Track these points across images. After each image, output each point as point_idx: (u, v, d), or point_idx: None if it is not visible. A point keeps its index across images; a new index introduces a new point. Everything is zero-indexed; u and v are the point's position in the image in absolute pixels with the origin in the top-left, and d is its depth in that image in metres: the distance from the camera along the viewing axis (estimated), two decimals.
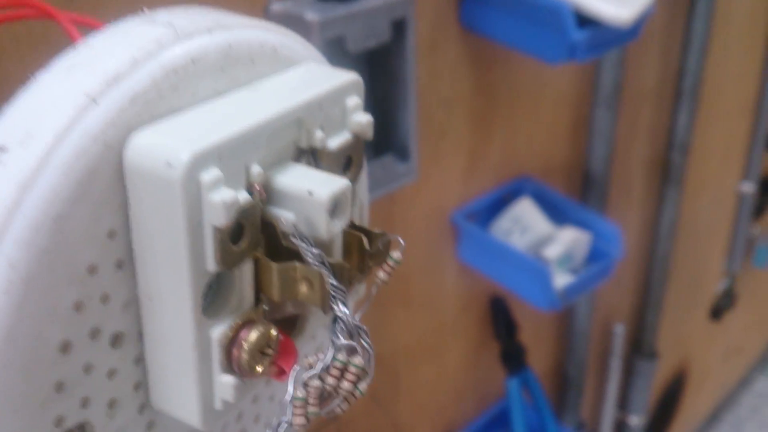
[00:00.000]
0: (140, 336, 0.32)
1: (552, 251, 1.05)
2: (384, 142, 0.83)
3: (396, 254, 0.34)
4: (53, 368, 0.29)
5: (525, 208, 1.07)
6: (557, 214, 1.08)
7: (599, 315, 1.36)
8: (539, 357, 1.26)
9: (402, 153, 0.87)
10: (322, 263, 0.31)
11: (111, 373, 0.32)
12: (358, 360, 0.31)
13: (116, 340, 0.31)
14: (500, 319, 1.14)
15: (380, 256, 0.34)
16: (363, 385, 0.31)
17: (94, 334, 0.30)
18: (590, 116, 1.17)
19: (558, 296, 1.00)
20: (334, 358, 0.31)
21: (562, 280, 1.03)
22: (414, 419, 1.08)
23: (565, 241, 1.06)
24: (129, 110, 0.29)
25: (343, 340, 0.31)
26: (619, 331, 1.44)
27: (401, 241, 0.34)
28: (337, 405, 0.31)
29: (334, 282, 0.31)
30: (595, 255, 1.08)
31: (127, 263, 0.31)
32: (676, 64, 1.29)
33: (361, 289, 0.38)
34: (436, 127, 0.93)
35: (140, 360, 0.33)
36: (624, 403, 1.53)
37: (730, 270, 1.74)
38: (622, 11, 0.88)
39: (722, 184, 1.61)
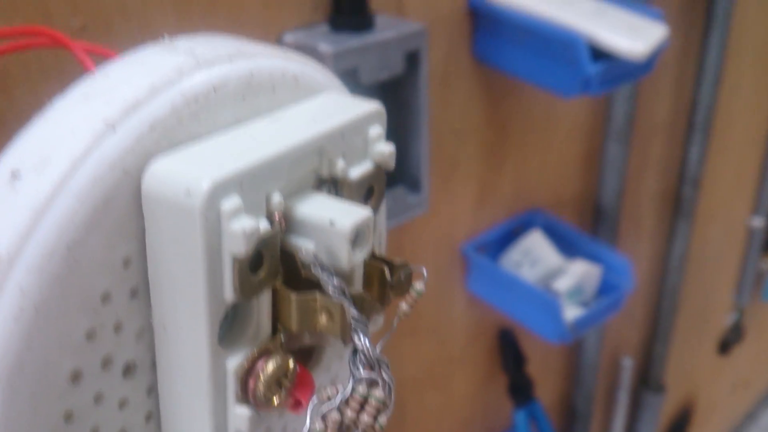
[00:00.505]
0: (153, 366, 0.32)
1: (562, 284, 1.04)
2: (395, 173, 0.83)
3: (419, 285, 0.33)
4: (63, 398, 0.28)
5: (535, 240, 1.07)
6: (568, 246, 1.07)
7: (607, 348, 1.35)
8: (547, 389, 1.25)
9: (413, 184, 0.86)
10: (343, 294, 0.31)
11: (122, 404, 0.31)
12: (378, 393, 0.30)
13: (128, 370, 0.31)
14: (508, 351, 1.13)
15: (402, 287, 0.34)
16: (383, 418, 0.31)
17: (106, 363, 0.30)
18: (602, 149, 1.17)
19: (568, 329, 0.99)
20: (353, 391, 0.30)
21: (572, 312, 1.02)
22: None
23: (576, 274, 1.05)
24: (148, 137, 0.28)
25: (363, 373, 0.30)
26: (627, 364, 1.43)
27: (424, 272, 0.33)
28: None
29: (355, 313, 0.30)
30: (605, 288, 1.07)
31: (141, 292, 0.30)
32: (688, 97, 1.29)
33: (380, 320, 0.37)
34: (448, 158, 0.92)
35: (152, 390, 0.32)
36: None
37: (738, 304, 1.73)
38: (637, 45, 0.88)
39: (732, 218, 1.61)
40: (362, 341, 0.31)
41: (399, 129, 0.81)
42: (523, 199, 1.07)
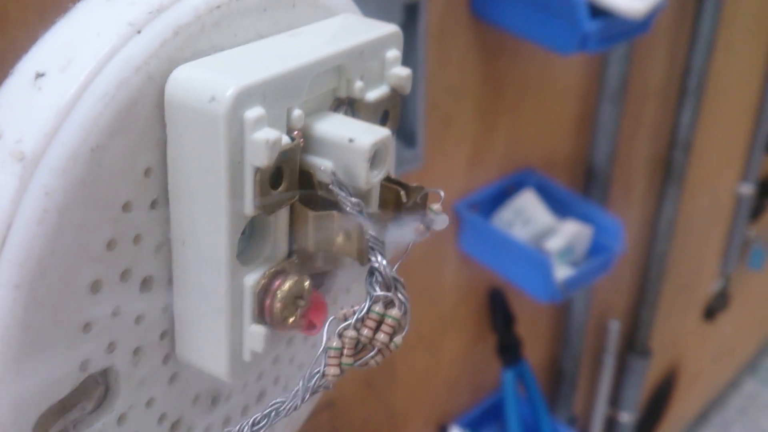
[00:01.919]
0: (169, 283, 0.31)
1: (553, 244, 1.04)
2: None
3: (436, 206, 0.33)
4: (82, 308, 0.28)
5: (528, 200, 1.07)
6: (559, 207, 1.07)
7: (595, 311, 1.36)
8: (535, 350, 1.26)
9: (408, 139, 0.86)
10: (361, 213, 0.30)
11: (139, 319, 0.30)
12: (395, 312, 0.30)
13: (146, 285, 0.30)
14: (498, 310, 1.13)
15: (417, 210, 0.33)
16: (398, 338, 0.31)
17: (125, 275, 0.29)
18: (595, 111, 1.17)
19: (558, 288, 1.00)
20: (370, 310, 0.30)
21: (562, 272, 1.03)
22: (408, 407, 1.07)
23: (567, 234, 1.06)
24: (171, 42, 0.28)
25: (380, 292, 0.30)
26: (614, 328, 1.44)
27: (441, 193, 0.33)
28: (371, 357, 0.30)
29: (373, 232, 0.30)
30: (596, 249, 1.07)
31: (161, 204, 0.30)
32: (681, 62, 1.29)
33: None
34: (443, 115, 0.92)
35: (168, 307, 0.32)
36: (615, 400, 1.53)
37: (724, 271, 1.74)
38: (636, 3, 0.87)
39: (721, 185, 1.61)
40: (379, 261, 0.30)
41: None
42: (516, 158, 1.07)
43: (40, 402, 0.28)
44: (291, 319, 0.32)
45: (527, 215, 1.07)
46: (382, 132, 0.31)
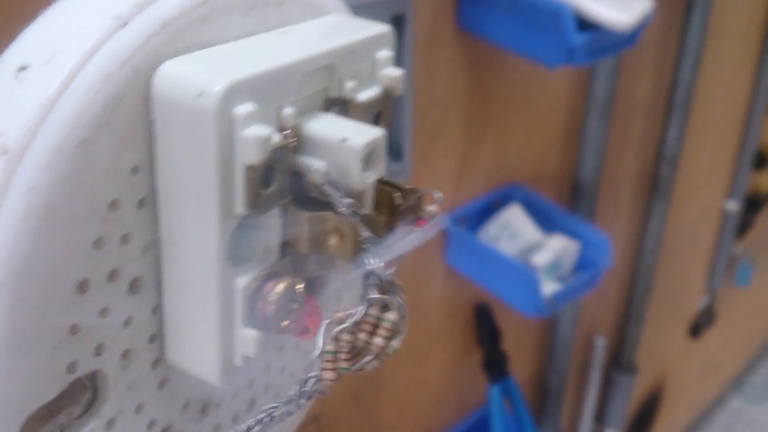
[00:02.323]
0: (158, 285, 0.30)
1: (540, 258, 1.04)
2: None
3: (432, 208, 0.32)
4: (69, 309, 0.27)
5: (514, 214, 1.06)
6: (546, 221, 1.07)
7: (581, 327, 1.36)
8: (521, 365, 1.25)
9: (395, 152, 0.85)
10: (355, 213, 0.30)
11: (127, 321, 0.30)
12: (391, 315, 0.30)
13: (134, 286, 0.29)
14: (484, 325, 1.13)
15: (411, 212, 0.33)
16: (395, 342, 0.30)
17: (113, 276, 0.28)
18: (582, 125, 1.17)
19: (546, 303, 0.99)
20: (366, 313, 0.29)
21: (549, 287, 1.02)
22: (394, 422, 1.06)
23: (554, 249, 1.05)
24: (158, 36, 0.27)
25: (376, 295, 0.29)
26: (600, 344, 1.44)
27: (437, 194, 0.32)
28: (368, 362, 0.30)
29: (367, 234, 0.29)
30: (583, 264, 1.07)
31: (149, 203, 0.29)
32: (668, 76, 1.29)
33: None
34: (430, 128, 0.91)
35: (157, 310, 0.31)
36: (601, 416, 1.53)
37: (710, 287, 1.74)
38: (623, 16, 0.87)
39: (708, 201, 1.61)
40: (375, 262, 0.30)
41: None
42: (503, 172, 1.07)
43: (26, 405, 0.27)
44: (284, 323, 0.31)
45: (514, 230, 1.07)
46: (375, 132, 0.31)
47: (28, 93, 0.25)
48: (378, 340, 0.29)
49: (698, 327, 1.75)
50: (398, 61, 0.78)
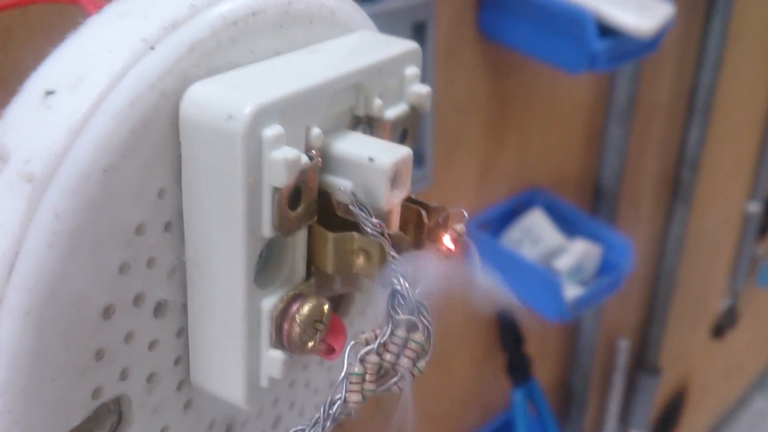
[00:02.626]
0: (184, 307, 0.30)
1: (563, 263, 1.04)
2: None
3: (459, 226, 0.32)
4: (94, 334, 0.27)
5: (536, 219, 1.06)
6: (568, 225, 1.07)
7: (604, 329, 1.35)
8: (544, 369, 1.25)
9: (417, 157, 0.85)
10: (382, 234, 0.29)
11: (152, 345, 0.29)
12: (418, 336, 0.29)
13: (159, 309, 0.29)
14: (507, 330, 1.12)
15: (438, 231, 0.32)
16: (422, 363, 0.29)
17: (138, 300, 0.28)
18: (603, 129, 1.16)
19: (568, 307, 0.99)
20: (392, 334, 0.29)
21: (572, 291, 1.02)
22: (417, 427, 1.05)
23: (576, 253, 1.05)
24: (186, 59, 0.27)
25: (402, 315, 0.29)
26: (623, 347, 1.43)
27: (465, 213, 0.32)
28: (394, 383, 0.29)
29: (395, 254, 0.29)
30: (605, 267, 1.06)
31: (175, 226, 0.28)
32: (689, 79, 1.28)
33: None
34: (451, 134, 0.91)
35: (182, 333, 0.31)
36: (625, 418, 1.52)
37: (733, 289, 1.73)
38: (644, 22, 0.87)
39: (729, 203, 1.61)
40: (402, 283, 0.29)
41: None
42: (525, 177, 1.06)
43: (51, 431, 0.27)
44: (310, 344, 0.30)
45: (536, 234, 1.06)
46: (402, 151, 0.30)
47: (54, 119, 0.25)
48: (405, 362, 0.29)
49: (721, 328, 1.74)
50: (421, 67, 0.78)
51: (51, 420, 0.27)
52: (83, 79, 0.25)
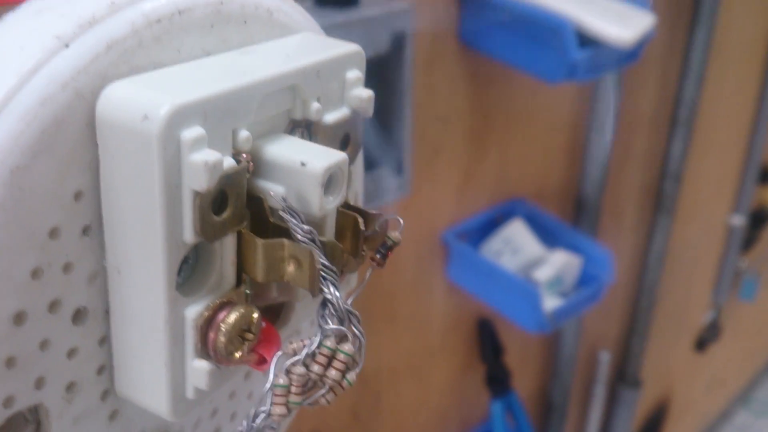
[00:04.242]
0: (107, 314, 0.29)
1: (542, 274, 1.03)
2: (378, 155, 0.81)
3: (395, 234, 0.31)
4: (5, 341, 0.26)
5: (517, 229, 1.06)
6: (549, 236, 1.06)
7: (585, 341, 1.34)
8: (524, 381, 1.24)
9: (396, 167, 0.84)
10: (313, 241, 0.28)
11: (71, 353, 0.28)
12: (347, 347, 0.28)
13: (79, 316, 0.28)
14: (487, 341, 1.12)
15: (376, 239, 0.31)
16: (352, 375, 0.28)
17: (54, 306, 0.27)
18: (585, 140, 1.15)
19: (547, 319, 0.98)
20: (321, 344, 0.28)
21: (551, 303, 1.01)
22: None
23: (556, 264, 1.04)
24: (104, 58, 0.26)
25: (332, 325, 0.28)
26: (604, 359, 1.43)
27: (401, 220, 0.31)
28: (322, 395, 0.28)
29: (325, 262, 0.28)
30: (585, 279, 1.06)
31: (94, 230, 0.27)
32: (672, 92, 1.28)
33: (352, 280, 0.35)
34: (431, 144, 0.91)
35: (105, 341, 0.29)
36: (606, 431, 1.51)
37: (716, 302, 1.73)
38: (624, 32, 0.87)
39: (712, 215, 1.60)
40: (332, 292, 0.28)
41: (382, 110, 0.79)
42: (505, 187, 1.06)
43: None
44: (238, 354, 0.29)
45: (516, 245, 1.06)
46: (337, 155, 0.29)
47: None
48: (333, 373, 0.28)
49: (704, 341, 1.74)
50: (399, 77, 0.77)
51: None
52: None
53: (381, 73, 0.77)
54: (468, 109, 0.94)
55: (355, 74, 0.33)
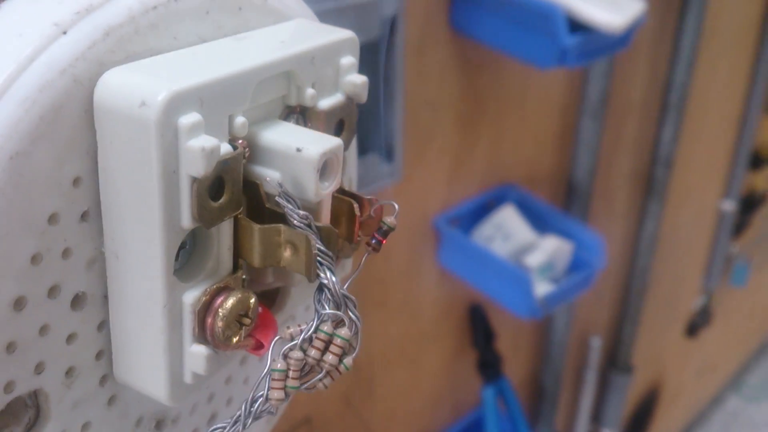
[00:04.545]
0: (105, 299, 0.29)
1: (534, 259, 1.03)
2: (368, 140, 0.81)
3: (390, 219, 0.31)
4: (4, 327, 0.26)
5: (508, 215, 1.06)
6: (540, 222, 1.06)
7: (576, 327, 1.35)
8: (515, 366, 1.25)
9: (387, 152, 0.85)
10: (309, 226, 0.29)
11: (70, 338, 0.29)
12: (344, 332, 0.29)
13: (78, 302, 0.28)
14: (478, 326, 1.12)
15: (371, 224, 0.32)
16: (348, 360, 0.29)
17: (53, 292, 0.27)
18: (576, 126, 1.16)
19: (538, 304, 0.98)
20: (318, 329, 0.28)
21: (542, 288, 1.02)
22: (387, 425, 1.05)
23: (547, 250, 1.05)
24: (101, 44, 0.26)
25: (328, 310, 0.28)
26: (596, 344, 1.43)
27: (395, 205, 0.31)
28: (319, 380, 0.29)
29: (321, 246, 0.28)
30: (576, 265, 1.06)
31: (93, 216, 0.28)
32: (663, 77, 1.28)
33: (347, 265, 0.35)
34: (422, 129, 0.91)
35: (104, 326, 0.30)
36: (597, 416, 1.52)
37: (707, 287, 1.74)
38: (615, 18, 0.87)
39: (703, 201, 1.61)
40: (328, 276, 0.29)
41: (373, 96, 0.79)
42: (497, 173, 1.06)
43: None
44: (235, 339, 0.30)
45: (507, 230, 1.06)
46: (332, 141, 0.30)
47: None
48: (330, 358, 0.28)
49: (695, 327, 1.74)
50: (390, 62, 0.77)
51: None
52: None
53: (372, 58, 0.77)
54: (459, 94, 0.94)
55: (350, 60, 0.33)
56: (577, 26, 0.85)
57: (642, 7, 0.91)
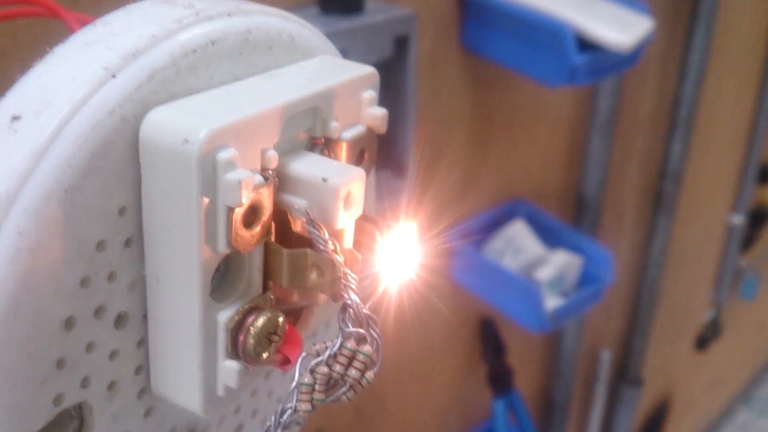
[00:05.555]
0: (144, 319, 0.32)
1: (543, 273, 1.05)
2: (381, 157, 0.83)
3: (366, 348, 0.34)
4: (56, 344, 0.29)
5: (518, 230, 1.07)
6: (550, 237, 1.08)
7: (586, 340, 1.36)
8: (526, 380, 1.26)
9: (398, 169, 0.86)
10: (334, 251, 0.31)
11: (113, 354, 0.31)
12: (366, 348, 0.31)
13: (120, 321, 0.31)
14: (489, 340, 1.13)
15: (391, 246, 0.34)
16: (370, 374, 0.31)
17: (99, 312, 0.30)
18: (585, 141, 1.17)
19: (548, 318, 1.00)
20: (342, 346, 0.31)
21: (552, 302, 1.03)
22: None
23: (557, 264, 1.06)
24: (146, 86, 0.28)
25: (352, 328, 0.31)
26: (606, 357, 1.44)
27: (414, 228, 0.33)
28: (343, 393, 0.31)
29: (346, 269, 0.31)
30: (586, 279, 1.08)
31: (135, 242, 0.30)
32: (671, 93, 1.30)
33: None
34: (434, 145, 0.92)
35: (142, 343, 0.32)
36: (608, 429, 1.53)
37: (716, 301, 1.75)
38: (623, 37, 0.88)
39: (712, 215, 1.62)
40: (352, 297, 0.31)
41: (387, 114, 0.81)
42: (507, 188, 1.08)
43: None
44: (265, 355, 0.32)
45: (517, 245, 1.07)
46: (355, 172, 0.32)
47: (19, 142, 0.27)
48: (353, 372, 0.31)
49: (704, 340, 1.75)
50: (402, 80, 0.79)
51: (13, 425, 0.28)
52: (47, 106, 0.27)
53: (385, 77, 0.79)
54: (470, 111, 0.96)
55: (371, 94, 0.36)
56: (586, 45, 0.87)
57: (650, 24, 0.92)
